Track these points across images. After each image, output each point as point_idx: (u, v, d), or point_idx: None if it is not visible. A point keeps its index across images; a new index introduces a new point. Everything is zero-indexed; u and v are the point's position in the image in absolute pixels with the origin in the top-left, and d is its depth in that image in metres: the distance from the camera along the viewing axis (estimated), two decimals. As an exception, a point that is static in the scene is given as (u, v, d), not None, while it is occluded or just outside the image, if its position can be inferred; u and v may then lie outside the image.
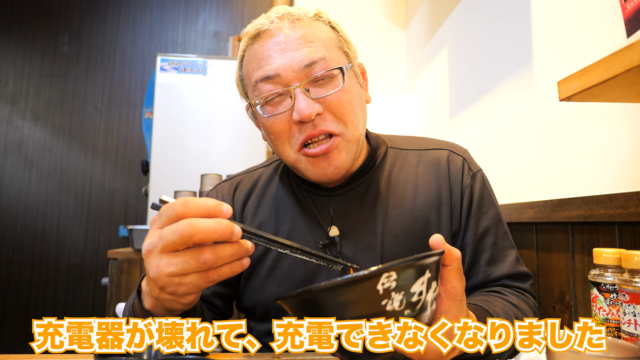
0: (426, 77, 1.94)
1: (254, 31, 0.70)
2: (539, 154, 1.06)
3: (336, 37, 0.73)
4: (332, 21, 0.74)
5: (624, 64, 0.49)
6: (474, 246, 0.76)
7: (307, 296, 0.39)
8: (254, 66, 0.70)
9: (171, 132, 2.01)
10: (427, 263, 0.40)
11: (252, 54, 0.71)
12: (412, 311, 0.40)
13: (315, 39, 0.69)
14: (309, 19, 0.71)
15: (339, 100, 0.68)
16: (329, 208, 0.77)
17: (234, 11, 3.19)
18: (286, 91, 0.68)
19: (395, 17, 2.28)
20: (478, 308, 0.62)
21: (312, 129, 0.67)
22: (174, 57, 2.05)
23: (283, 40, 0.68)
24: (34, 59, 3.07)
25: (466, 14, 1.54)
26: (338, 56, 0.71)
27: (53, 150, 3.03)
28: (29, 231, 2.95)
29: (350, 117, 0.69)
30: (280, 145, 0.71)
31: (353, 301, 0.38)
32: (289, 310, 0.43)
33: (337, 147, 0.69)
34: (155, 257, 0.46)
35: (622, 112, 0.80)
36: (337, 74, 0.69)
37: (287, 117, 0.68)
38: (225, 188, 0.86)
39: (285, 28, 0.69)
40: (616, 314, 0.62)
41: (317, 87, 0.68)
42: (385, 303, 0.38)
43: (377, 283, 0.38)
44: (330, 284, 0.37)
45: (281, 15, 0.70)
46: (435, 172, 0.78)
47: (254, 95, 0.70)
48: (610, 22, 0.82)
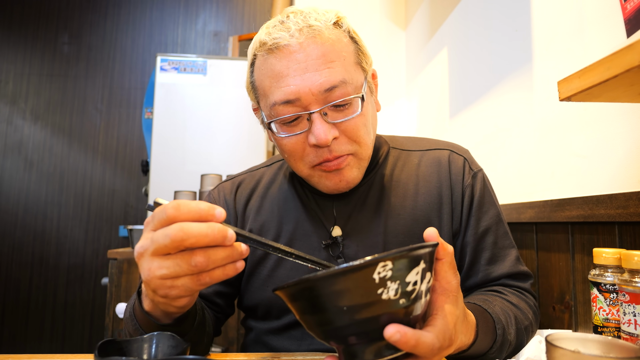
0: (426, 77, 1.94)
1: (271, 43, 0.66)
2: (539, 154, 1.06)
3: (355, 51, 0.71)
4: (351, 30, 0.72)
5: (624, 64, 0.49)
6: (475, 245, 0.76)
7: (305, 285, 0.40)
8: (273, 84, 0.67)
9: (171, 132, 2.01)
10: (422, 253, 0.41)
11: (270, 67, 0.68)
12: (407, 300, 0.41)
13: (336, 58, 0.67)
14: (329, 29, 0.68)
15: (355, 125, 0.69)
16: (332, 209, 0.78)
17: (234, 11, 3.19)
18: (304, 114, 0.67)
19: (395, 17, 2.28)
20: (477, 307, 0.62)
21: (328, 153, 0.68)
22: (174, 57, 2.05)
23: (303, 59, 0.65)
24: (34, 59, 3.07)
25: (466, 14, 1.54)
26: (356, 74, 0.69)
27: (53, 150, 3.03)
28: (29, 231, 2.95)
29: (364, 138, 0.70)
30: (293, 161, 0.72)
31: (349, 290, 0.39)
32: (286, 300, 0.44)
33: (349, 164, 0.71)
34: (147, 260, 0.46)
35: (622, 112, 0.80)
36: (355, 100, 0.69)
37: (303, 138, 0.69)
38: (227, 187, 0.86)
39: (306, 45, 0.66)
40: (616, 314, 0.62)
41: (335, 112, 0.68)
42: (381, 292, 0.39)
43: (374, 272, 0.38)
44: (328, 272, 0.38)
45: (300, 28, 0.66)
46: (437, 172, 0.79)
47: (270, 114, 0.69)
48: (610, 22, 0.82)
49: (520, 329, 0.67)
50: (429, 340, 0.41)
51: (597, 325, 0.64)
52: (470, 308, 0.58)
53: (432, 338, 0.41)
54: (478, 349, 0.58)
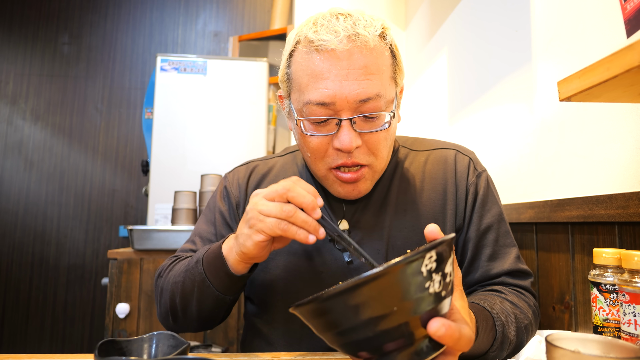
0: (426, 77, 1.94)
1: (318, 43, 0.68)
2: (539, 154, 1.06)
3: (392, 66, 0.73)
4: (393, 44, 0.73)
5: (624, 64, 0.49)
6: (476, 241, 0.78)
7: (359, 288, 0.36)
8: (311, 82, 0.69)
9: (171, 132, 2.01)
10: (451, 241, 0.41)
11: (311, 65, 0.69)
12: (446, 292, 0.40)
13: (376, 71, 0.69)
14: (375, 40, 0.69)
15: (377, 139, 0.71)
16: (340, 203, 0.80)
17: (234, 11, 3.19)
18: (335, 118, 0.69)
19: (395, 17, 2.28)
20: (476, 305, 0.62)
21: (348, 158, 0.71)
22: (174, 57, 2.05)
23: (345, 67, 0.67)
24: (34, 59, 3.07)
25: (466, 14, 1.54)
26: (390, 88, 0.72)
27: (53, 151, 3.03)
28: (29, 231, 2.95)
29: (382, 151, 0.73)
30: (313, 159, 0.74)
31: (397, 288, 0.36)
32: (308, 317, 0.40)
33: (365, 176, 0.74)
34: (258, 198, 0.62)
35: (622, 112, 0.80)
36: (384, 114, 0.71)
37: (328, 140, 0.71)
38: (241, 171, 0.89)
39: (352, 53, 0.67)
40: (616, 314, 0.62)
41: (363, 122, 0.70)
42: (428, 286, 0.38)
43: (421, 265, 0.37)
44: (379, 272, 0.35)
45: (349, 34, 0.67)
46: (442, 170, 0.81)
47: (302, 111, 0.71)
48: (610, 22, 0.82)
49: (520, 328, 0.67)
50: (467, 333, 0.41)
51: (597, 326, 0.64)
52: (470, 306, 0.58)
53: (468, 330, 0.42)
54: (479, 347, 0.58)
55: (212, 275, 0.69)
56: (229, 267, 0.67)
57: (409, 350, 0.39)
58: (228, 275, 0.67)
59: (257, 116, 2.07)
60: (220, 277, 0.68)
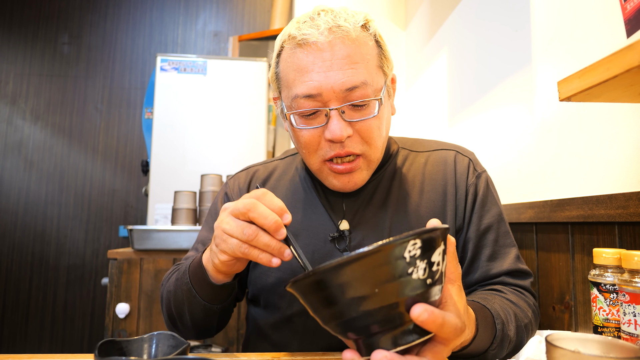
0: (426, 77, 1.94)
1: (300, 38, 0.69)
2: (539, 154, 1.06)
3: (378, 55, 0.73)
4: (377, 34, 0.74)
5: (624, 64, 0.49)
6: (476, 241, 0.78)
7: (340, 268, 0.38)
8: (297, 77, 0.70)
9: (171, 132, 2.01)
10: (442, 234, 0.42)
11: (296, 61, 0.70)
12: (432, 280, 0.41)
13: (360, 59, 0.69)
14: (357, 31, 0.70)
15: (369, 127, 0.71)
16: (341, 203, 0.80)
17: (234, 11, 3.19)
18: (323, 109, 0.70)
19: (395, 17, 2.28)
20: (475, 304, 0.62)
21: (340, 149, 0.71)
22: (174, 57, 2.05)
23: (329, 58, 0.68)
24: (34, 59, 3.07)
25: (466, 14, 1.54)
26: (377, 77, 0.72)
27: (53, 150, 3.03)
28: (29, 231, 2.95)
29: (376, 140, 0.73)
30: (307, 153, 0.74)
31: (379, 270, 0.38)
32: (300, 294, 0.43)
33: (360, 166, 0.74)
34: (225, 214, 0.59)
35: (622, 112, 0.80)
36: (373, 102, 0.71)
37: (319, 132, 0.71)
38: (242, 177, 0.90)
39: (333, 44, 0.68)
40: (616, 314, 0.62)
41: (353, 111, 0.70)
42: (412, 271, 0.39)
43: (405, 250, 0.38)
44: (360, 253, 0.37)
45: (330, 27, 0.69)
46: (442, 171, 0.82)
47: (291, 106, 0.72)
48: (610, 22, 0.82)
49: (520, 326, 0.67)
50: (453, 320, 0.41)
51: (597, 326, 0.64)
52: (469, 305, 0.58)
53: (455, 318, 0.42)
54: (479, 345, 0.58)
55: (197, 285, 0.69)
56: (209, 276, 0.67)
57: (392, 333, 0.40)
58: (210, 285, 0.68)
59: (257, 116, 2.07)
60: (203, 287, 0.68)
